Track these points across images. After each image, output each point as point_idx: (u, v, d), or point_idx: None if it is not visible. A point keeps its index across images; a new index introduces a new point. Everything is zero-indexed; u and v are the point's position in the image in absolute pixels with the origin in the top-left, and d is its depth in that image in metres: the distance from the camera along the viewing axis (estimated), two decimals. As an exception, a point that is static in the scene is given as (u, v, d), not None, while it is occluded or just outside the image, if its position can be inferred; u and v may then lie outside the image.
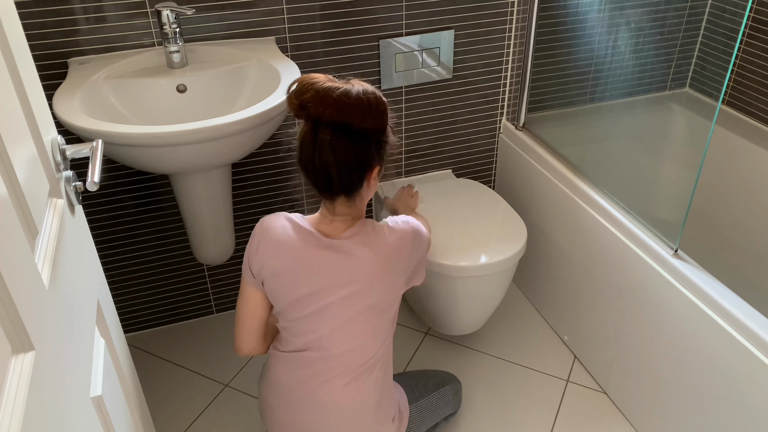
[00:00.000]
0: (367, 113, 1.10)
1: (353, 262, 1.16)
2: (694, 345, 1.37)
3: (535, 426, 1.66)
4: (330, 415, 1.24)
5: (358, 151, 1.11)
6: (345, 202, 1.17)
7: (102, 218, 1.74)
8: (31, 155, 0.73)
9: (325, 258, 1.17)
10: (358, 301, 1.18)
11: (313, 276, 1.17)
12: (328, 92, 1.08)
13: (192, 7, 1.51)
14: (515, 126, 1.97)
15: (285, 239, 1.19)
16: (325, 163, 1.10)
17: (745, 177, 1.92)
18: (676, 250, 1.42)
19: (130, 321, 1.94)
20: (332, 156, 1.09)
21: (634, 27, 1.98)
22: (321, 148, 1.09)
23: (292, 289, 1.19)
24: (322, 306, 1.18)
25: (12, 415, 0.51)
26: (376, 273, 1.17)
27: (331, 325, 1.20)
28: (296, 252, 1.18)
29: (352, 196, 1.17)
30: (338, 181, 1.13)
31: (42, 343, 0.61)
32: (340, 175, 1.12)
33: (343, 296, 1.18)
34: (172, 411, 1.72)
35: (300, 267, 1.18)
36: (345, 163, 1.11)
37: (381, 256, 1.17)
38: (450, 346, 1.90)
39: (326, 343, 1.21)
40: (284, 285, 1.19)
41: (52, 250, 0.73)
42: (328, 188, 1.15)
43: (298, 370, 1.24)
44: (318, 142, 1.09)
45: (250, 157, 1.78)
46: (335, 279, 1.17)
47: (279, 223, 1.21)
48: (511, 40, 1.87)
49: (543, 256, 1.91)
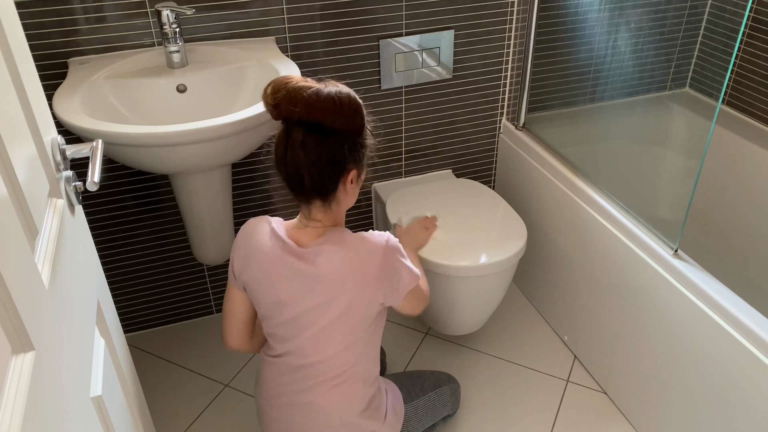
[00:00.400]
0: (338, 113, 1.09)
1: (318, 272, 1.15)
2: (694, 345, 1.37)
3: (535, 426, 1.66)
4: (317, 417, 1.25)
5: (329, 151, 1.10)
6: (321, 206, 1.17)
7: (102, 218, 1.74)
8: (31, 155, 0.73)
9: (293, 267, 1.17)
10: (326, 311, 1.18)
11: (286, 284, 1.18)
12: (299, 91, 1.08)
13: (192, 7, 1.51)
14: (515, 126, 1.97)
15: (261, 247, 1.19)
16: (297, 163, 1.10)
17: (745, 177, 1.92)
18: (676, 250, 1.42)
19: (130, 321, 1.94)
20: (302, 155, 1.09)
21: (634, 27, 1.98)
22: (293, 147, 1.10)
23: (268, 295, 1.20)
24: (297, 313, 1.19)
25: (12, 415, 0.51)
26: (341, 284, 1.16)
27: (307, 333, 1.20)
28: (269, 259, 1.18)
29: (327, 199, 1.16)
30: (310, 182, 1.12)
31: (42, 343, 0.61)
32: (311, 175, 1.11)
33: (312, 305, 1.18)
34: (172, 411, 1.72)
35: (273, 274, 1.18)
36: (315, 163, 1.10)
37: (346, 267, 1.15)
38: (450, 346, 1.90)
39: (305, 350, 1.22)
40: (261, 290, 1.21)
41: (52, 250, 0.73)
42: (301, 190, 1.14)
43: (283, 375, 1.26)
44: (290, 142, 1.10)
45: (250, 157, 1.78)
46: (303, 288, 1.17)
47: (260, 229, 1.22)
48: (511, 40, 1.87)
49: (543, 256, 1.91)
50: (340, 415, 1.25)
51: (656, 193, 2.13)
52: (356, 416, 1.26)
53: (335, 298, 1.17)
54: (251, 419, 1.69)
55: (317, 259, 1.16)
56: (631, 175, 2.07)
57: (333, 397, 1.24)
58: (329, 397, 1.24)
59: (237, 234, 1.25)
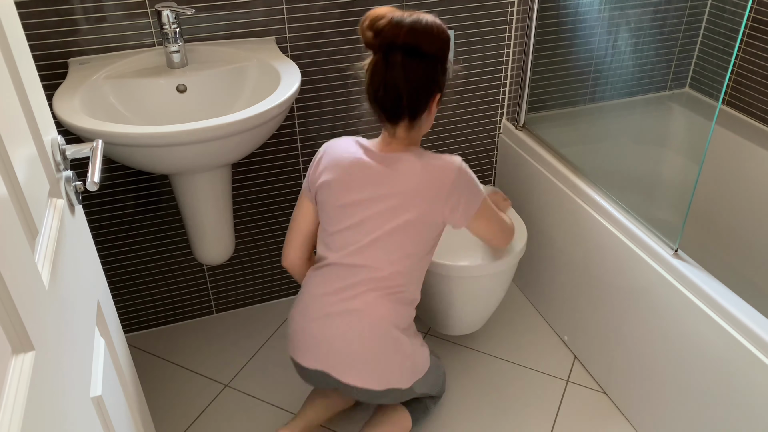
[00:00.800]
0: (435, 38, 1.22)
1: (395, 177, 1.27)
2: (694, 345, 1.37)
3: (535, 426, 1.66)
4: (362, 325, 1.31)
5: (427, 73, 1.23)
6: (406, 127, 1.28)
7: (102, 218, 1.74)
8: (31, 155, 0.73)
9: (372, 169, 1.29)
10: (393, 218, 1.28)
11: (361, 185, 1.29)
12: (401, 19, 1.20)
13: (192, 7, 1.51)
14: (515, 126, 1.97)
15: (343, 152, 1.33)
16: (397, 84, 1.21)
17: (745, 177, 1.92)
18: (676, 250, 1.42)
19: (130, 321, 1.94)
20: (403, 76, 1.21)
21: (634, 27, 1.98)
22: (393, 69, 1.21)
23: (340, 196, 1.31)
24: (364, 218, 1.29)
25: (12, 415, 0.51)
26: (412, 194, 1.27)
27: (368, 238, 1.30)
28: (350, 162, 1.31)
29: (415, 119, 1.27)
30: (407, 101, 1.23)
31: (42, 343, 0.61)
32: (409, 94, 1.22)
33: (381, 210, 1.28)
34: (172, 411, 1.72)
35: (350, 175, 1.30)
36: (414, 83, 1.22)
37: (421, 179, 1.27)
38: (450, 346, 1.90)
39: (363, 255, 1.30)
40: (334, 192, 1.31)
41: (52, 250, 0.73)
42: (396, 110, 1.25)
43: (334, 282, 1.33)
44: (390, 65, 1.21)
45: (250, 157, 1.78)
46: (378, 191, 1.28)
47: (343, 141, 1.36)
48: (511, 40, 1.87)
49: (543, 256, 1.91)
50: (385, 326, 1.32)
51: (656, 193, 2.13)
52: (400, 331, 1.34)
53: (403, 206, 1.28)
54: (251, 419, 1.69)
55: (396, 165, 1.28)
56: (631, 175, 2.08)
57: (380, 307, 1.32)
58: (377, 306, 1.32)
59: (319, 149, 1.39)
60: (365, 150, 1.31)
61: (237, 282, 1.99)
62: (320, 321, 1.33)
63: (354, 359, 1.32)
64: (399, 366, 1.34)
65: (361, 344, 1.31)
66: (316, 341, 1.34)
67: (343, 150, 1.33)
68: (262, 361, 1.86)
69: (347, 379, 1.33)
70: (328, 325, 1.32)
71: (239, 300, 2.03)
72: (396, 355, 1.33)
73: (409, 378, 1.37)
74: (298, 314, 1.38)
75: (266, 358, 1.87)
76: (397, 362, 1.34)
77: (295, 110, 1.76)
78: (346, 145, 1.34)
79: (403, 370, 1.36)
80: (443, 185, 1.27)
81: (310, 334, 1.34)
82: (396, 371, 1.34)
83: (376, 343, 1.31)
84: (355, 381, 1.33)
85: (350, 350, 1.31)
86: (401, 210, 1.28)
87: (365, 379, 1.32)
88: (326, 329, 1.32)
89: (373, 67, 1.23)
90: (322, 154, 1.36)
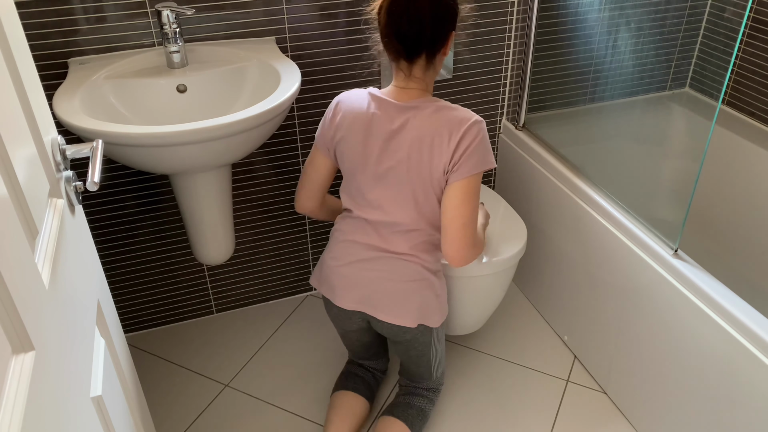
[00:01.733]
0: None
1: (414, 127, 1.29)
2: (694, 345, 1.37)
3: (535, 426, 1.66)
4: (396, 268, 1.37)
5: (446, 5, 1.25)
6: (423, 65, 1.29)
7: (102, 218, 1.74)
8: (31, 155, 0.73)
9: (391, 123, 1.30)
10: (414, 168, 1.30)
11: (377, 142, 1.31)
12: None
13: (192, 7, 1.51)
14: (515, 126, 1.97)
15: (360, 110, 1.33)
16: (421, 15, 1.23)
17: (745, 177, 1.92)
18: (676, 250, 1.42)
19: (130, 321, 1.95)
20: (427, 6, 1.22)
21: (634, 27, 1.98)
22: (416, 1, 1.22)
23: (357, 154, 1.33)
24: (383, 171, 1.32)
25: (12, 415, 0.51)
26: (428, 141, 1.28)
27: (390, 191, 1.33)
28: (367, 119, 1.32)
29: (432, 55, 1.28)
30: (430, 32, 1.24)
31: (42, 343, 0.61)
32: (433, 23, 1.24)
33: (401, 161, 1.30)
34: (172, 411, 1.72)
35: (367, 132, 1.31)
36: (436, 14, 1.23)
37: (435, 124, 1.28)
38: (450, 346, 1.90)
39: (384, 207, 1.35)
40: (350, 150, 1.34)
41: (52, 250, 0.73)
42: (418, 43, 1.25)
43: (364, 231, 1.38)
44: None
45: (250, 157, 1.78)
46: (397, 144, 1.30)
47: (357, 94, 1.36)
48: (511, 40, 1.87)
49: (543, 256, 1.91)
50: (417, 268, 1.38)
51: (656, 193, 2.13)
52: (432, 274, 1.40)
53: (421, 158, 1.29)
54: (251, 419, 1.69)
55: (415, 113, 1.29)
56: (631, 175, 2.07)
57: (410, 252, 1.37)
58: (408, 251, 1.37)
59: (331, 102, 1.39)
60: (380, 102, 1.32)
61: (237, 282, 1.99)
62: (354, 265, 1.39)
63: (390, 298, 1.37)
64: (430, 304, 1.40)
65: (395, 284, 1.37)
66: (352, 283, 1.39)
67: (358, 105, 1.34)
68: (262, 361, 1.86)
69: (383, 316, 1.38)
70: (362, 267, 1.38)
71: (239, 300, 2.03)
72: (428, 291, 1.39)
73: (439, 317, 1.43)
74: (330, 259, 1.43)
75: (266, 358, 1.87)
76: (430, 300, 1.40)
77: (295, 110, 1.76)
78: (360, 100, 1.35)
79: (433, 309, 1.41)
80: (455, 130, 1.28)
81: (345, 276, 1.40)
82: (427, 308, 1.40)
83: (410, 284, 1.37)
84: (390, 318, 1.38)
85: (385, 290, 1.37)
86: (418, 162, 1.30)
87: (400, 316, 1.38)
88: (361, 272, 1.38)
89: (391, 3, 1.24)
90: (335, 108, 1.37)
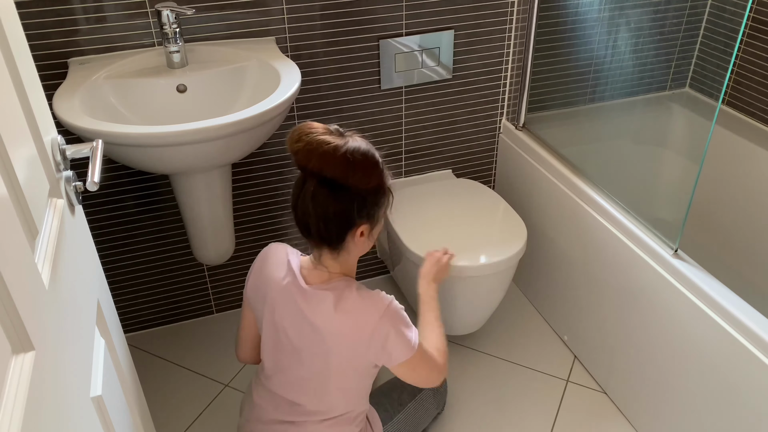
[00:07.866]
0: (351, 173, 1.09)
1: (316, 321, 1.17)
2: (694, 345, 1.37)
3: (535, 426, 1.66)
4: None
5: (338, 206, 1.11)
6: (329, 254, 1.18)
7: (102, 218, 1.74)
8: (31, 155, 0.73)
9: (297, 306, 1.19)
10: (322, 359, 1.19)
11: (289, 319, 1.20)
12: (317, 146, 1.08)
13: (192, 7, 1.51)
14: (515, 126, 1.97)
15: (272, 278, 1.23)
16: (305, 212, 1.13)
17: (745, 177, 1.92)
18: (676, 250, 1.42)
19: (130, 321, 1.94)
20: (311, 206, 1.11)
21: (634, 27, 1.98)
22: (304, 197, 1.12)
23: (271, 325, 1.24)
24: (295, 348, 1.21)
25: (12, 415, 0.51)
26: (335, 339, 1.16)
27: (302, 371, 1.22)
28: (278, 292, 1.21)
29: (335, 249, 1.17)
30: (316, 232, 1.14)
31: (42, 343, 0.61)
32: (317, 226, 1.13)
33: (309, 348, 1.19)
34: (172, 411, 1.72)
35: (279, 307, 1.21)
36: (322, 216, 1.12)
37: (340, 326, 1.15)
38: (450, 346, 1.90)
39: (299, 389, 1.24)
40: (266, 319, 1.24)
41: (52, 250, 0.73)
42: (309, 237, 1.17)
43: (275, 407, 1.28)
44: (303, 191, 1.12)
45: (250, 157, 1.78)
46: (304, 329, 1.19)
47: (276, 258, 1.25)
48: (511, 40, 1.87)
49: (543, 256, 1.91)
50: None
51: (656, 193, 2.13)
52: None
53: (330, 350, 1.17)
54: (251, 419, 1.69)
55: (318, 307, 1.17)
56: (631, 175, 2.07)
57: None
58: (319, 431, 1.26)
59: (257, 257, 1.30)
60: (293, 278, 1.20)
61: (237, 282, 1.99)
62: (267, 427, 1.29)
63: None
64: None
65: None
66: None
67: (271, 275, 1.23)
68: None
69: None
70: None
71: (239, 300, 2.03)
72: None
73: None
74: (251, 416, 1.32)
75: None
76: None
77: (295, 110, 1.76)
78: (275, 269, 1.23)
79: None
80: (362, 333, 1.15)
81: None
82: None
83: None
84: None
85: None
86: (327, 355, 1.18)
87: None
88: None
89: (294, 185, 1.14)
90: (254, 271, 1.28)
